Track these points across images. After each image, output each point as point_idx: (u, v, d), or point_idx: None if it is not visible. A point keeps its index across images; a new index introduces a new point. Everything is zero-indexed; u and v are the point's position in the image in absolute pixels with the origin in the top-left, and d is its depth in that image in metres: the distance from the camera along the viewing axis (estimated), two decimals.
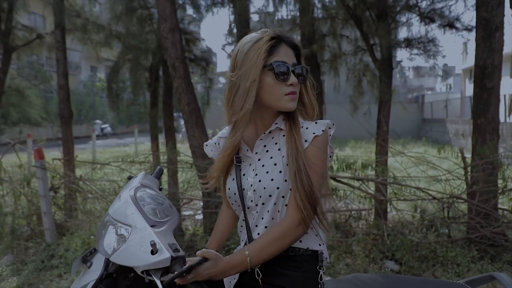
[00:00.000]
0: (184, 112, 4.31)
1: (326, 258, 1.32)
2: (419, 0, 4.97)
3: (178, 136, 14.53)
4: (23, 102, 10.22)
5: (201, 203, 4.81)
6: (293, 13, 5.69)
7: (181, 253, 1.12)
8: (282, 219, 1.24)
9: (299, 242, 1.26)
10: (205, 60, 6.43)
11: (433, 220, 3.87)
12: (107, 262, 1.20)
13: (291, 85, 1.25)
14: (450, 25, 4.92)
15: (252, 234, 1.29)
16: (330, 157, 1.32)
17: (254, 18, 6.93)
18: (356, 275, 1.47)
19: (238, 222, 1.38)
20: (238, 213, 1.38)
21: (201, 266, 1.13)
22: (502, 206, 4.15)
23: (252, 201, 1.28)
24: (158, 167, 1.53)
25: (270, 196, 1.24)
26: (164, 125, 6.20)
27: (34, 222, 4.71)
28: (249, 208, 1.30)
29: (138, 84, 6.42)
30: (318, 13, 5.41)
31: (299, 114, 1.34)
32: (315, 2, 5.17)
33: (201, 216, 4.75)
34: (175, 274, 1.07)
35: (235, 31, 5.50)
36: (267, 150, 1.31)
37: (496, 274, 1.39)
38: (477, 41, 3.97)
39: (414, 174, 4.23)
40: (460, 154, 4.04)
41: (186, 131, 4.42)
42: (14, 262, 3.93)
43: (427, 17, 4.94)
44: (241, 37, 1.34)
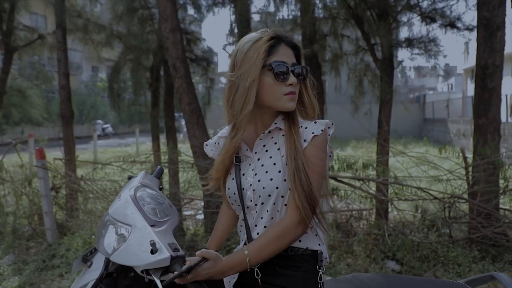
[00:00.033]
0: (185, 112, 4.32)
1: (325, 258, 1.31)
2: None
3: (179, 136, 14.54)
4: (25, 102, 10.25)
5: (202, 203, 4.82)
6: (294, 13, 5.69)
7: (180, 252, 1.12)
8: (281, 219, 1.24)
9: (299, 241, 1.26)
10: (206, 60, 6.43)
11: (434, 220, 3.87)
12: (107, 261, 1.21)
13: (291, 85, 1.25)
14: (451, 25, 4.91)
15: (251, 233, 1.29)
16: (329, 156, 1.32)
17: (255, 18, 6.92)
18: (355, 275, 1.47)
19: (238, 222, 1.38)
20: (238, 212, 1.38)
21: (200, 266, 1.13)
22: (504, 206, 4.14)
23: (251, 200, 1.28)
24: (158, 167, 1.53)
25: (269, 195, 1.24)
26: (165, 125, 6.20)
27: (35, 222, 4.71)
28: (248, 207, 1.30)
29: (139, 84, 6.42)
30: (319, 13, 5.41)
31: (299, 114, 1.34)
32: (316, 2, 5.17)
33: (202, 216, 4.75)
34: (175, 274, 1.08)
35: (236, 31, 5.50)
36: (267, 150, 1.31)
37: (496, 274, 1.39)
38: (478, 41, 3.96)
39: (415, 174, 4.22)
40: (461, 154, 4.04)
41: (187, 131, 4.42)
42: (15, 262, 3.94)
43: (428, 16, 4.93)
44: (242, 37, 1.34)
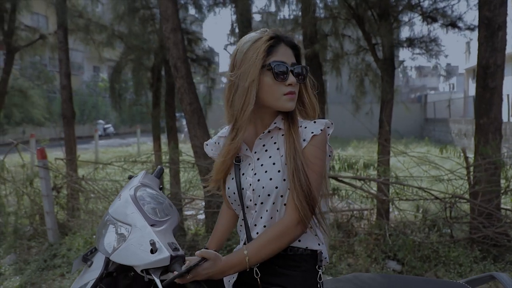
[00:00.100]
0: (186, 112, 4.32)
1: (325, 258, 1.31)
2: None
3: (180, 136, 14.55)
4: (26, 102, 10.28)
5: (203, 203, 4.82)
6: (295, 13, 5.69)
7: (180, 252, 1.12)
8: (280, 219, 1.23)
9: (298, 241, 1.26)
10: (207, 60, 6.44)
11: (435, 220, 3.86)
12: (107, 261, 1.21)
13: (290, 85, 1.25)
14: (453, 24, 4.90)
15: (251, 233, 1.29)
16: (329, 156, 1.32)
17: (256, 18, 6.92)
18: (356, 275, 1.46)
19: (238, 221, 1.38)
20: (238, 212, 1.38)
21: (200, 266, 1.14)
22: (505, 206, 4.13)
23: (251, 200, 1.28)
24: (158, 167, 1.53)
25: (269, 195, 1.24)
26: (166, 125, 6.20)
27: (36, 222, 4.72)
28: (248, 207, 1.30)
29: (140, 84, 6.43)
30: (320, 13, 5.41)
31: (299, 114, 1.34)
32: (317, 1, 5.17)
33: (203, 216, 4.75)
34: (175, 275, 1.08)
35: (237, 31, 5.50)
36: (266, 150, 1.31)
37: (496, 274, 1.38)
38: (479, 40, 3.96)
39: (416, 174, 4.21)
40: (462, 154, 4.03)
41: (188, 131, 4.42)
42: (17, 262, 3.94)
43: (430, 16, 4.92)
44: (243, 37, 1.34)
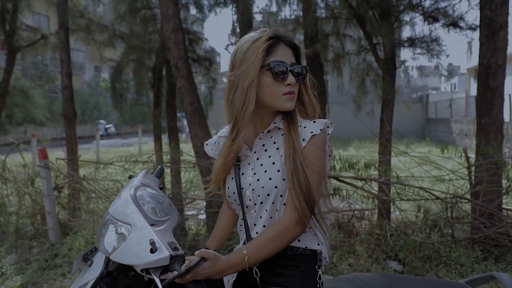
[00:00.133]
0: (187, 112, 4.32)
1: (325, 258, 1.31)
2: None
3: (182, 136, 14.54)
4: (28, 102, 10.29)
5: (204, 203, 4.82)
6: (296, 12, 5.69)
7: (180, 251, 1.12)
8: (280, 218, 1.23)
9: (298, 241, 1.26)
10: (208, 60, 6.43)
11: (436, 220, 3.85)
12: (108, 260, 1.21)
13: (289, 84, 1.25)
14: (454, 24, 4.89)
15: (250, 233, 1.29)
16: (329, 156, 1.32)
17: (257, 18, 6.92)
18: (356, 275, 1.46)
19: (238, 221, 1.38)
20: (238, 212, 1.38)
21: (199, 265, 1.14)
22: (506, 206, 4.13)
23: (250, 200, 1.28)
24: (159, 166, 1.53)
25: (268, 195, 1.24)
26: (167, 125, 6.20)
27: (38, 222, 4.73)
28: (247, 207, 1.30)
29: (142, 84, 6.43)
30: (321, 12, 5.41)
31: (299, 114, 1.34)
32: (318, 1, 5.17)
33: (204, 215, 4.75)
34: (175, 275, 1.08)
35: (238, 31, 5.50)
36: (266, 149, 1.31)
37: (496, 274, 1.38)
38: (481, 40, 3.95)
39: (417, 174, 4.21)
40: (463, 154, 4.03)
41: (189, 131, 4.42)
42: (18, 261, 3.95)
43: (431, 16, 4.92)
44: None
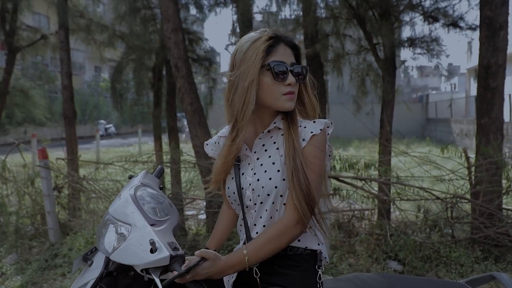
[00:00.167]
0: (187, 112, 4.32)
1: (325, 258, 1.31)
2: None
3: (182, 136, 14.54)
4: (28, 103, 10.29)
5: (204, 203, 4.82)
6: (296, 12, 5.68)
7: (180, 251, 1.12)
8: (280, 218, 1.23)
9: (298, 241, 1.26)
10: (208, 60, 6.43)
11: (436, 220, 3.85)
12: (108, 260, 1.21)
13: (289, 84, 1.25)
14: (454, 24, 4.89)
15: (250, 233, 1.29)
16: (329, 156, 1.32)
17: (257, 18, 6.92)
18: (356, 275, 1.46)
19: (238, 221, 1.38)
20: (238, 212, 1.38)
21: (199, 265, 1.14)
22: (506, 206, 4.13)
23: (250, 200, 1.28)
24: (159, 166, 1.54)
25: (268, 195, 1.24)
26: (167, 125, 6.20)
27: (38, 222, 4.73)
28: (247, 207, 1.30)
29: (142, 84, 6.43)
30: (321, 12, 5.41)
31: (299, 114, 1.34)
32: (318, 1, 5.17)
33: (204, 215, 4.75)
34: (175, 275, 1.08)
35: (238, 31, 5.50)
36: (266, 149, 1.31)
37: (496, 274, 1.38)
38: (481, 40, 3.95)
39: (417, 174, 4.21)
40: (464, 154, 4.03)
41: (189, 131, 4.43)
42: (18, 261, 3.95)
43: (431, 16, 4.92)
44: None
